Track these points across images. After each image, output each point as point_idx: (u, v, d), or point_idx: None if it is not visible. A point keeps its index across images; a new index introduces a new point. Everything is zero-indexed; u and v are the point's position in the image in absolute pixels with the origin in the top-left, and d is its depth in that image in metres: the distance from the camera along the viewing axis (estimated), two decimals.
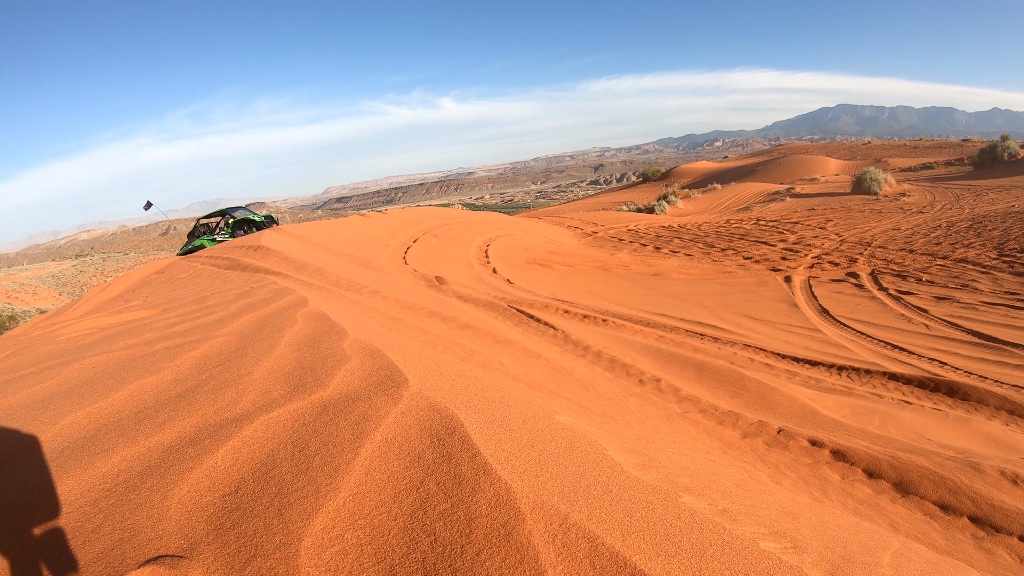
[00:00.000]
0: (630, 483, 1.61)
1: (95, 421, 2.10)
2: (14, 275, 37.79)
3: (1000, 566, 2.40)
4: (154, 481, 1.62)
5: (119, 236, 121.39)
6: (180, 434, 1.91)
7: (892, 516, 2.72)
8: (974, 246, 11.41)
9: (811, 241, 13.82)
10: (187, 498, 1.52)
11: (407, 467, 1.58)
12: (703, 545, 1.34)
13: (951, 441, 3.62)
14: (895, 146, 41.39)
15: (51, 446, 1.92)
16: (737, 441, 3.42)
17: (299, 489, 1.51)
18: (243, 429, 1.87)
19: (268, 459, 1.68)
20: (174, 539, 1.36)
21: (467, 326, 4.69)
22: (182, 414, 2.07)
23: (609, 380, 4.26)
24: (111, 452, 1.82)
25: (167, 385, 2.41)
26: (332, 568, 1.24)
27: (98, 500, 1.56)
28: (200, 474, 1.63)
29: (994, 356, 5.77)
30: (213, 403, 2.14)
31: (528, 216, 24.35)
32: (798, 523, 1.67)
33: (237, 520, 1.41)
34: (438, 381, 2.29)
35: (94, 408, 2.21)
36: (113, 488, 1.61)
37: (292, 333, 3.06)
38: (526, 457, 1.66)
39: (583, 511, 1.40)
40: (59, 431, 2.04)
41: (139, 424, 2.03)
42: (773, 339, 6.41)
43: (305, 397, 2.11)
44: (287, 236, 10.57)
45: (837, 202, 20.51)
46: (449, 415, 1.87)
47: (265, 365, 2.51)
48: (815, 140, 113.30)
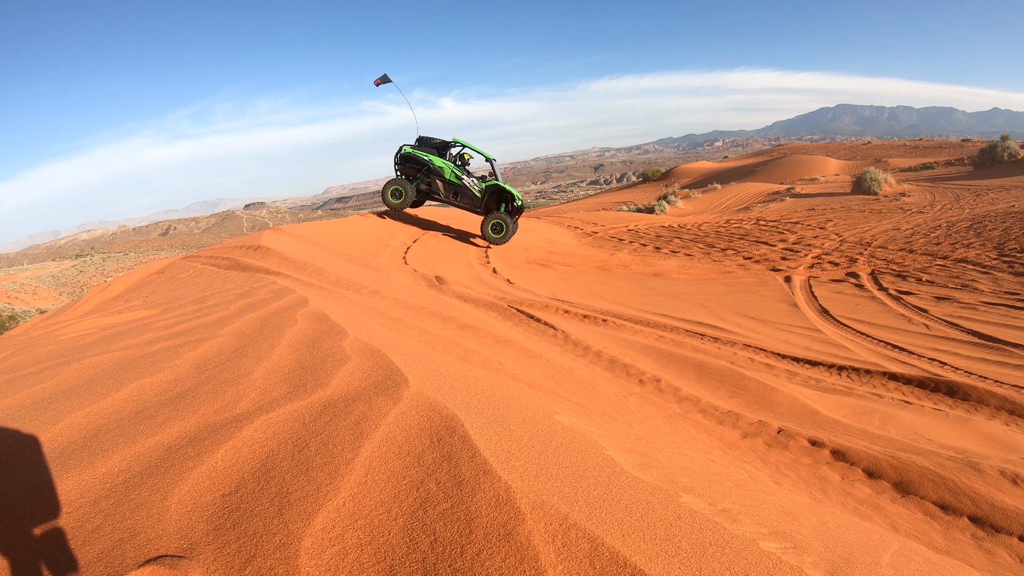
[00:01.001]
0: (630, 483, 1.61)
1: (95, 421, 2.10)
2: (14, 275, 37.82)
3: (1000, 566, 2.39)
4: (154, 481, 1.62)
5: (119, 236, 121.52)
6: (180, 434, 1.91)
7: (892, 516, 2.72)
8: (974, 246, 11.41)
9: (811, 241, 13.82)
10: (187, 498, 1.52)
11: (407, 467, 1.58)
12: (703, 545, 1.34)
13: (951, 441, 3.62)
14: (895, 146, 41.37)
15: (51, 446, 1.93)
16: (737, 441, 3.42)
17: (299, 489, 1.51)
18: (243, 429, 1.87)
19: (268, 459, 1.68)
20: (174, 539, 1.36)
21: (467, 326, 4.69)
22: (182, 414, 2.07)
23: (609, 380, 4.26)
24: (111, 452, 1.82)
25: (167, 385, 2.41)
26: (332, 568, 1.24)
27: (98, 500, 1.56)
28: (200, 474, 1.63)
29: (994, 356, 5.77)
30: (213, 403, 2.14)
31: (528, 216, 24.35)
32: (798, 523, 1.67)
33: (237, 520, 1.41)
34: (438, 381, 2.29)
35: (94, 408, 2.21)
36: (113, 488, 1.61)
37: (292, 333, 3.06)
38: (526, 457, 1.66)
39: (583, 511, 1.40)
40: (59, 431, 2.04)
41: (139, 424, 2.03)
42: (773, 339, 6.41)
43: (305, 397, 2.11)
44: (287, 236, 10.57)
45: (837, 202, 20.50)
46: (449, 415, 1.87)
47: (265, 365, 2.51)
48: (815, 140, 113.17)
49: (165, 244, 77.52)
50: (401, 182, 11.59)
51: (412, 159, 11.68)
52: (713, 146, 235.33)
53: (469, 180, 11.69)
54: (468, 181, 11.66)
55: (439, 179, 11.61)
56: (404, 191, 11.68)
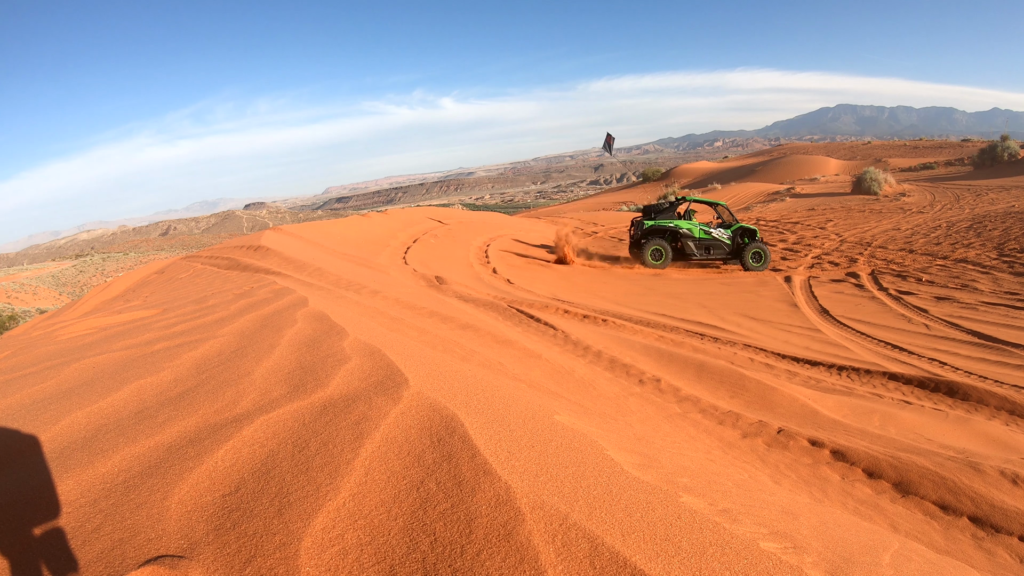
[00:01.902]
0: (630, 483, 1.61)
1: (95, 421, 2.10)
2: (14, 275, 37.83)
3: (1000, 566, 2.40)
4: (154, 481, 1.62)
5: (119, 236, 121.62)
6: (180, 434, 1.91)
7: (892, 516, 2.72)
8: (974, 246, 11.40)
9: (811, 241, 13.82)
10: (187, 498, 1.52)
11: (407, 467, 1.58)
12: (703, 545, 1.34)
13: (951, 441, 3.62)
14: (895, 146, 41.39)
15: (51, 446, 1.93)
16: (737, 441, 3.42)
17: (299, 489, 1.51)
18: (243, 429, 1.87)
19: (268, 459, 1.68)
20: (174, 539, 1.36)
21: (467, 326, 4.69)
22: (182, 414, 2.07)
23: (609, 380, 4.26)
24: (111, 452, 1.82)
25: (167, 385, 2.41)
26: (332, 568, 1.24)
27: (98, 500, 1.56)
28: (200, 474, 1.63)
29: (994, 356, 5.77)
30: (213, 403, 2.14)
31: (528, 216, 24.34)
32: (798, 523, 1.67)
33: (237, 520, 1.41)
34: (438, 381, 2.29)
35: (94, 408, 2.21)
36: (113, 488, 1.61)
37: (292, 333, 3.06)
38: (526, 457, 1.66)
39: (583, 511, 1.40)
40: (59, 431, 2.04)
41: (139, 424, 2.03)
42: (773, 339, 6.41)
43: (305, 397, 2.11)
44: (287, 236, 10.58)
45: (837, 202, 20.51)
46: (449, 415, 1.87)
47: (265, 365, 2.52)
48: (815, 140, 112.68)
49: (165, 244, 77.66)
50: (661, 243, 11.59)
51: (660, 231, 11.79)
52: (713, 146, 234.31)
53: (717, 232, 11.81)
54: (716, 233, 11.80)
55: (691, 240, 11.78)
56: (664, 252, 11.66)
